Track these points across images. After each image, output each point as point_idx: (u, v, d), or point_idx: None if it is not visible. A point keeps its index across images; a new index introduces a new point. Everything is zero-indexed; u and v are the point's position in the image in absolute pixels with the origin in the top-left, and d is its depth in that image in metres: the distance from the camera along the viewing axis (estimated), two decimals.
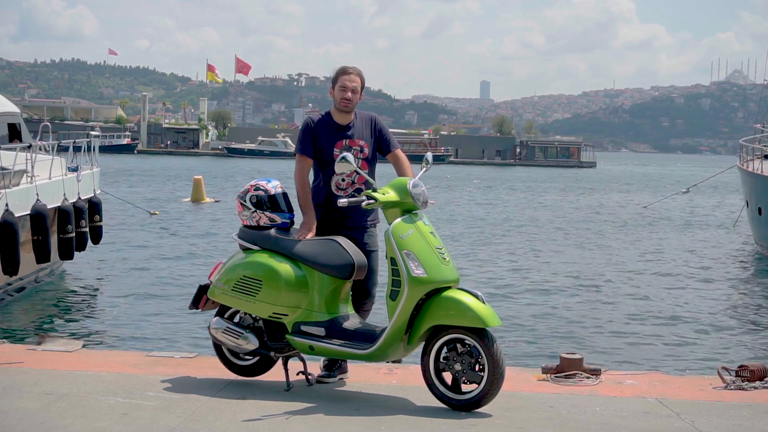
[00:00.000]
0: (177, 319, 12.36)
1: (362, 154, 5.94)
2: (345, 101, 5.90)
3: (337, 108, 5.96)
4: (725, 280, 18.36)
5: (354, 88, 5.91)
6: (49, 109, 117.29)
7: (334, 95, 5.96)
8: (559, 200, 45.52)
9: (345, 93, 5.89)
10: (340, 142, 5.92)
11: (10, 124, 16.26)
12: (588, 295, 15.64)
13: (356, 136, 5.96)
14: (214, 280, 5.83)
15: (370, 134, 6.01)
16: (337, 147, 5.90)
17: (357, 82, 5.93)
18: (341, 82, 5.92)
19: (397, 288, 5.28)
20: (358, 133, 5.97)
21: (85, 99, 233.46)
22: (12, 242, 12.34)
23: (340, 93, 5.91)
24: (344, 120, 5.97)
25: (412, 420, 5.10)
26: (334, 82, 5.98)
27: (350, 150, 5.89)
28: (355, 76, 5.94)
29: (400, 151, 6.11)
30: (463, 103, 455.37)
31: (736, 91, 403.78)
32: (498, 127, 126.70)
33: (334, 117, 5.98)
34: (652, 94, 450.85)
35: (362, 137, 5.98)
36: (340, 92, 5.91)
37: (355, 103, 5.95)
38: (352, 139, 5.95)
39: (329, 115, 6.01)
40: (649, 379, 6.30)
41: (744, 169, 25.59)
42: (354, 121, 5.99)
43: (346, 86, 5.89)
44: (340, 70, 5.98)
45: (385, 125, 6.17)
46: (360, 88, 5.96)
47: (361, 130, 5.99)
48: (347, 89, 5.89)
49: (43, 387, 5.57)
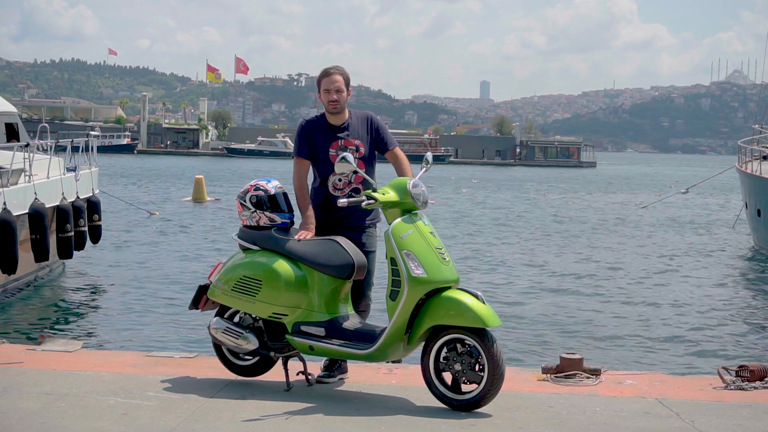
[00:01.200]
0: (177, 319, 12.35)
1: (358, 154, 5.92)
2: (332, 103, 5.91)
3: (327, 111, 5.98)
4: (725, 280, 18.35)
5: (337, 87, 5.90)
6: (48, 109, 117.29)
7: (322, 99, 5.98)
8: (559, 200, 45.52)
9: (330, 95, 5.90)
10: (336, 143, 5.92)
11: (8, 124, 16.26)
12: (588, 295, 15.63)
13: (352, 135, 5.96)
14: (214, 280, 5.84)
15: (366, 133, 6.00)
16: (333, 147, 5.90)
17: (339, 81, 5.91)
18: (324, 86, 5.94)
19: (397, 288, 5.29)
20: (353, 132, 5.96)
21: (84, 99, 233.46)
22: (10, 241, 12.34)
23: (325, 96, 5.93)
24: (338, 120, 5.97)
25: (412, 420, 5.10)
26: (319, 86, 5.99)
27: (346, 150, 5.88)
28: (336, 75, 5.93)
29: (399, 149, 6.10)
30: (463, 103, 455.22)
31: (736, 91, 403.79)
32: (498, 127, 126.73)
33: (328, 118, 5.99)
34: (652, 94, 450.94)
35: (358, 137, 5.97)
36: (325, 95, 5.93)
37: (343, 102, 5.94)
38: (348, 139, 5.94)
39: (323, 116, 6.02)
40: (649, 379, 6.30)
41: (743, 171, 25.57)
42: (349, 120, 5.99)
43: (329, 89, 5.90)
44: (322, 73, 5.99)
45: (383, 124, 6.16)
46: (345, 86, 5.94)
47: (356, 129, 5.98)
48: (330, 91, 5.90)
49: (43, 387, 5.57)
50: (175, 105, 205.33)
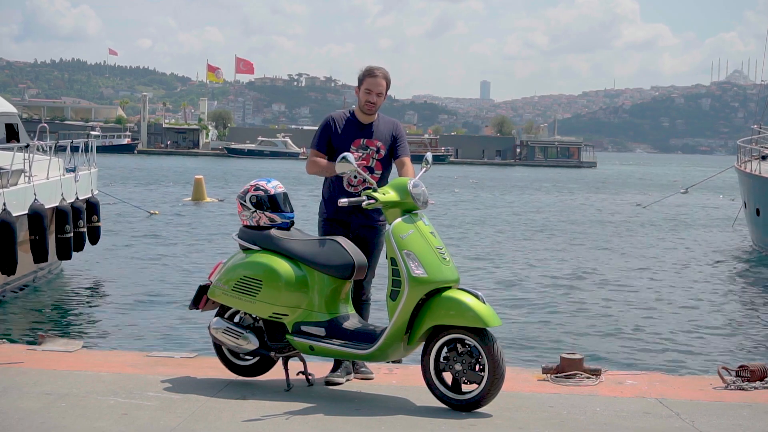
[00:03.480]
0: (177, 319, 12.36)
1: (378, 155, 5.99)
2: (369, 104, 5.94)
3: (360, 109, 5.99)
4: (724, 280, 18.37)
5: (379, 92, 5.94)
6: (49, 110, 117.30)
7: (359, 96, 5.98)
8: (559, 200, 45.52)
9: (370, 96, 5.92)
10: (358, 141, 5.97)
11: (8, 124, 16.26)
12: (588, 295, 15.63)
13: (375, 136, 6.00)
14: (214, 280, 5.83)
15: (389, 137, 6.04)
16: (355, 144, 5.94)
17: (383, 85, 5.95)
18: (367, 85, 5.93)
19: (397, 288, 5.29)
20: (378, 134, 6.01)
21: (85, 99, 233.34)
22: (10, 242, 12.34)
23: (365, 96, 5.94)
24: (367, 120, 6.02)
25: (412, 420, 5.10)
26: (360, 82, 5.98)
27: (367, 149, 5.95)
28: (381, 79, 5.94)
29: (409, 159, 6.11)
30: (463, 103, 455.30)
31: (737, 91, 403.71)
32: (498, 127, 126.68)
33: (357, 116, 6.03)
34: (652, 94, 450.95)
35: (381, 138, 6.01)
36: (365, 95, 5.94)
37: (379, 106, 5.98)
38: (371, 138, 5.98)
39: (353, 113, 6.05)
40: (649, 379, 6.30)
41: (742, 170, 25.57)
42: (377, 122, 6.04)
43: (371, 90, 5.92)
44: (367, 71, 5.97)
45: (404, 134, 6.20)
46: (385, 91, 5.98)
47: (381, 131, 6.03)
48: (372, 93, 5.92)
49: (43, 387, 5.56)
50: (176, 105, 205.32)
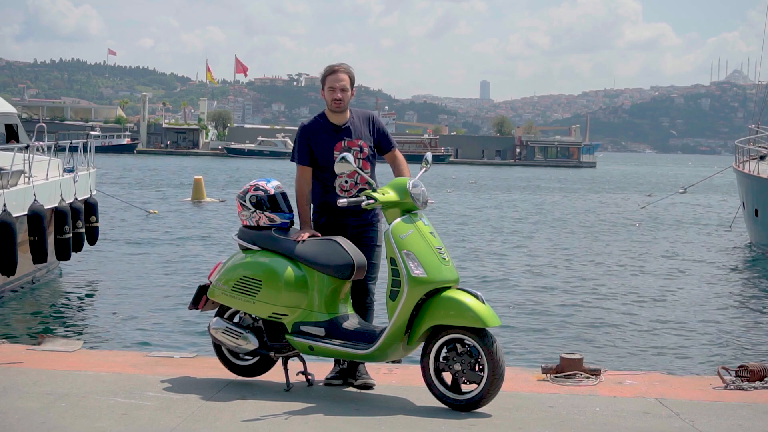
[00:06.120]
0: (177, 319, 12.36)
1: (362, 154, 5.87)
2: (336, 102, 5.84)
3: (330, 109, 5.91)
4: (723, 280, 18.36)
5: (342, 86, 5.83)
6: (48, 110, 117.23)
7: (325, 97, 5.90)
8: (558, 200, 45.51)
9: (334, 93, 5.82)
10: (339, 144, 5.84)
11: (8, 124, 16.26)
12: (587, 295, 15.63)
13: (355, 135, 5.89)
14: (213, 280, 5.83)
15: (369, 133, 5.94)
16: (336, 149, 5.82)
17: (345, 80, 5.85)
18: (329, 83, 5.85)
19: (396, 288, 5.29)
20: (356, 132, 5.90)
21: (84, 99, 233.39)
22: (9, 242, 12.34)
23: (330, 94, 5.85)
24: (340, 120, 5.90)
25: (412, 420, 5.10)
26: (323, 83, 5.92)
27: (350, 151, 5.80)
28: (342, 74, 5.85)
29: (398, 151, 6.07)
30: (463, 103, 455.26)
31: (736, 91, 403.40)
32: (498, 127, 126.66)
33: (329, 118, 5.91)
34: (652, 94, 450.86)
35: (361, 137, 5.90)
36: (330, 93, 5.85)
37: (347, 101, 5.87)
38: (351, 139, 5.88)
39: (324, 116, 5.93)
40: (649, 379, 6.30)
41: (740, 171, 25.56)
42: (351, 119, 5.92)
43: (334, 86, 5.83)
44: (327, 70, 5.91)
45: (384, 124, 6.14)
46: (350, 85, 5.88)
47: (359, 129, 5.91)
48: (336, 89, 5.82)
49: (43, 387, 5.57)
50: (175, 105, 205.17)
